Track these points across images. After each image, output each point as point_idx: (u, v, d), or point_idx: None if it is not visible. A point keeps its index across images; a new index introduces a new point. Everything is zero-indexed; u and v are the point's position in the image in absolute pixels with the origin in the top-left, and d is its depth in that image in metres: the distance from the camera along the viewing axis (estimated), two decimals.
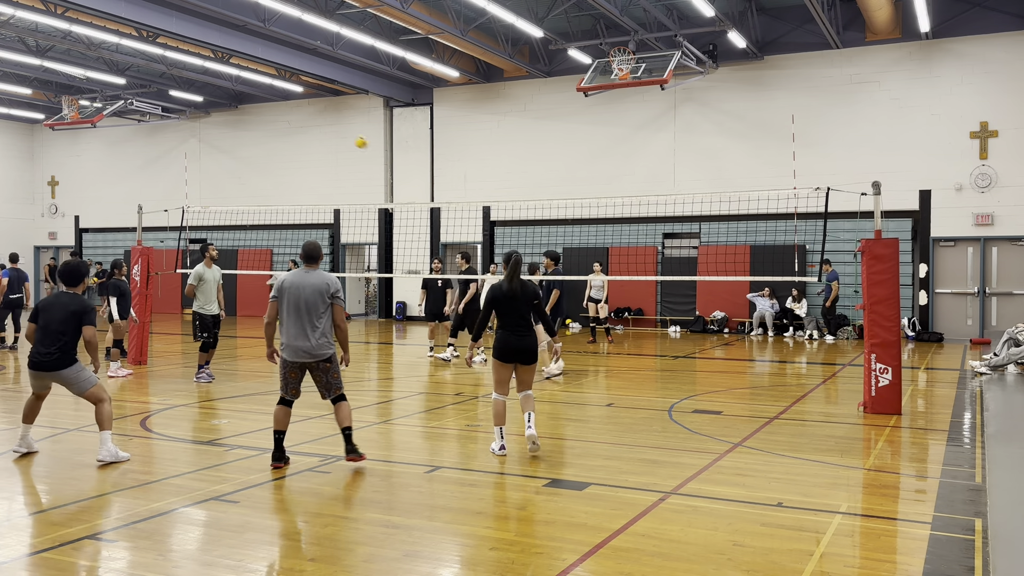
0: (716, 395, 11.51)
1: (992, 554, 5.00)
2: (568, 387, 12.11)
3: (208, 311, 12.38)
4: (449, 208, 23.00)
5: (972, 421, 9.48)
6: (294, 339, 7.17)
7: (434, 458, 7.84)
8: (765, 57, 20.70)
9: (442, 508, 6.11)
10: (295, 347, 7.19)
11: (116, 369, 12.85)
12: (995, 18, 18.89)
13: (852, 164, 19.47)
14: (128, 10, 17.06)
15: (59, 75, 24.66)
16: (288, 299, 7.19)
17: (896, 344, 9.63)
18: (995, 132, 19.03)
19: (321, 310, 7.20)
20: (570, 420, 9.73)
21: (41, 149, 31.32)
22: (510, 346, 7.60)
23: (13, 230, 30.49)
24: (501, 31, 20.50)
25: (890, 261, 9.67)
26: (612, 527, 5.61)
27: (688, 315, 21.75)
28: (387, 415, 10.07)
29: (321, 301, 7.21)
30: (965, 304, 19.63)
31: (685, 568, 4.91)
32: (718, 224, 21.18)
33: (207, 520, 5.87)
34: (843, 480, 6.94)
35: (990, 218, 19.10)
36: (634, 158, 22.15)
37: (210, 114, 27.88)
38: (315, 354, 7.20)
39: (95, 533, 5.52)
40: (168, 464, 7.54)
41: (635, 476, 7.01)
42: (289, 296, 7.19)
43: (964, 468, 7.29)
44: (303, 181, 26.21)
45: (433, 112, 24.76)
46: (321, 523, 5.79)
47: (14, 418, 9.64)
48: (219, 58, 21.52)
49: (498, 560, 5.05)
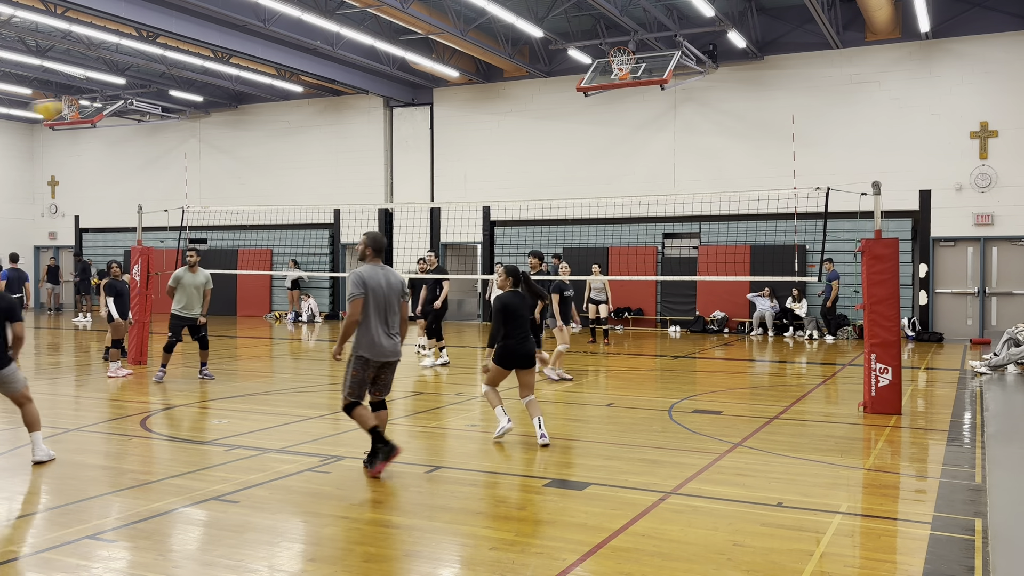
0: (716, 395, 11.50)
1: (992, 554, 5.00)
2: (568, 387, 12.11)
3: (182, 313, 12.45)
4: (449, 208, 23.00)
5: (972, 421, 9.48)
6: (381, 338, 6.92)
7: (434, 458, 7.84)
8: (765, 57, 20.71)
9: (442, 508, 6.10)
10: (382, 347, 6.93)
11: (116, 369, 12.85)
12: (995, 18, 18.89)
13: (852, 164, 19.48)
14: (128, 10, 17.06)
15: (59, 75, 24.66)
16: (375, 297, 6.90)
17: (896, 344, 9.63)
18: (995, 132, 19.03)
19: (397, 308, 7.07)
20: (570, 420, 9.73)
21: (41, 149, 31.32)
22: (515, 353, 8.13)
23: (13, 230, 30.49)
24: (501, 31, 20.51)
25: (890, 261, 9.67)
26: (612, 527, 5.61)
27: (688, 315, 21.75)
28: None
29: (398, 298, 7.06)
30: (965, 304, 19.63)
31: (685, 568, 4.91)
32: (718, 224, 21.18)
33: (207, 520, 5.87)
34: (843, 480, 6.94)
35: (990, 218, 19.10)
36: (634, 158, 22.15)
37: (210, 114, 27.88)
38: (397, 352, 7.07)
39: (95, 533, 5.52)
40: (168, 464, 7.54)
41: (635, 476, 7.01)
42: (375, 294, 6.90)
43: (964, 468, 7.29)
44: (303, 181, 26.22)
45: (433, 112, 24.77)
46: (321, 523, 5.78)
47: (14, 418, 9.65)
48: (219, 58, 21.52)
49: (498, 560, 5.04)
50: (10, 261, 17.23)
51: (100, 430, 8.96)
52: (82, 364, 14.35)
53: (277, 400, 10.86)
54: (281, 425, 9.11)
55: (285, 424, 9.17)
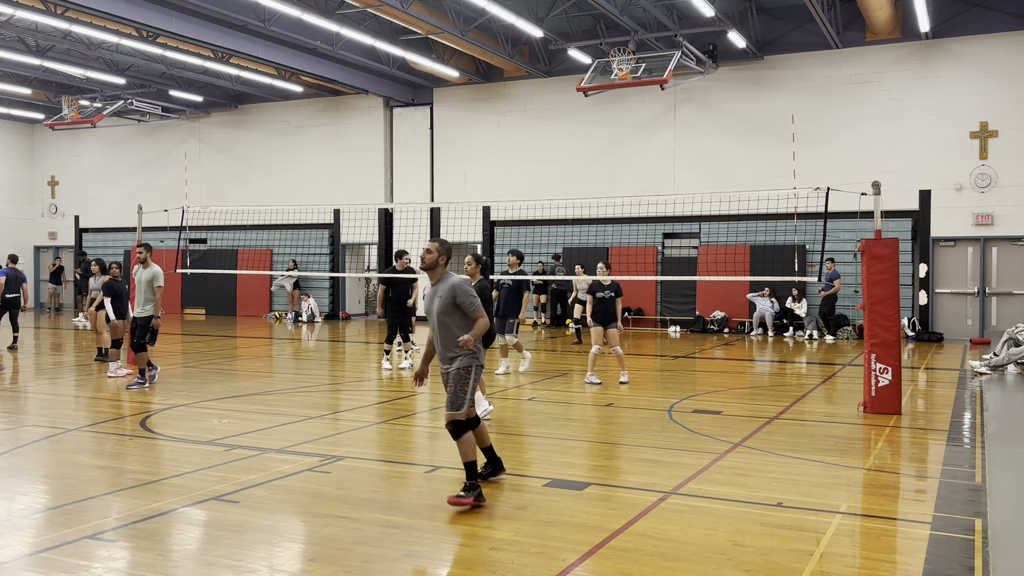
0: (716, 395, 11.50)
1: (992, 554, 5.00)
2: (568, 387, 12.11)
3: (135, 313, 12.05)
4: (449, 208, 22.99)
5: (972, 421, 9.48)
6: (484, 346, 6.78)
7: (434, 458, 7.83)
8: (765, 57, 20.70)
9: (442, 508, 6.10)
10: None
11: (116, 369, 12.85)
12: (995, 18, 18.89)
13: (852, 164, 19.48)
14: (128, 10, 17.06)
15: (59, 75, 24.65)
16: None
17: (896, 344, 9.63)
18: (995, 132, 19.03)
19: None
20: (570, 420, 9.73)
21: (41, 149, 31.31)
22: (492, 334, 9.62)
23: (13, 230, 30.49)
24: (501, 31, 20.50)
25: (890, 261, 9.67)
26: (612, 527, 5.61)
27: (688, 315, 21.75)
28: (387, 415, 10.06)
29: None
30: (965, 304, 19.63)
31: (685, 568, 4.91)
32: (718, 224, 21.18)
33: (207, 520, 5.87)
34: (843, 480, 6.94)
35: (990, 218, 19.10)
36: (634, 158, 22.15)
37: (210, 114, 27.88)
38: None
39: (95, 533, 5.52)
40: (168, 464, 7.54)
41: (635, 476, 7.01)
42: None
43: (964, 468, 7.29)
44: (303, 181, 26.22)
45: (433, 112, 24.76)
46: (321, 523, 5.78)
47: (14, 418, 9.65)
48: (219, 58, 21.52)
49: (498, 560, 5.05)
50: (10, 261, 17.25)
51: (100, 430, 8.97)
52: (82, 364, 14.35)
53: (277, 400, 10.86)
54: (281, 425, 9.11)
55: (285, 424, 9.17)
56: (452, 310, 6.23)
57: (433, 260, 6.38)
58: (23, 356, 15.71)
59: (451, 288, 6.23)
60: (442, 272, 6.42)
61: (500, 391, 11.60)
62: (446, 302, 6.23)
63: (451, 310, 6.23)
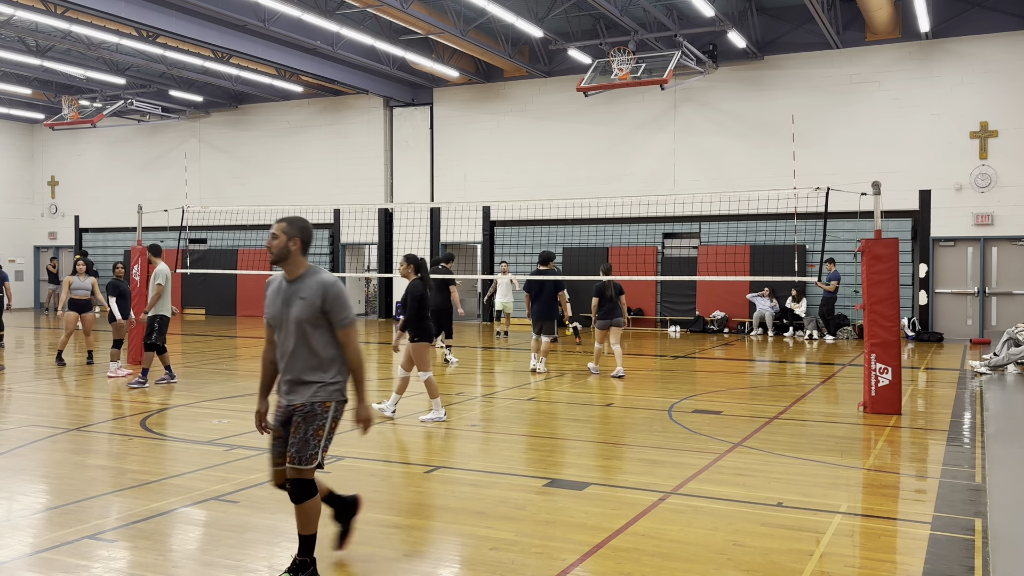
0: (716, 395, 11.50)
1: (992, 554, 5.00)
2: (568, 387, 12.11)
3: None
4: (449, 208, 22.99)
5: (972, 421, 9.48)
6: None
7: (434, 458, 7.83)
8: (765, 57, 20.70)
9: (442, 508, 6.10)
10: None
11: (116, 369, 12.85)
12: (995, 18, 18.88)
13: (852, 164, 19.48)
14: (128, 10, 17.06)
15: (59, 75, 24.65)
16: None
17: (896, 344, 9.63)
18: (995, 132, 19.03)
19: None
20: (570, 420, 9.73)
21: (41, 149, 31.31)
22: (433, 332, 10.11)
23: (13, 230, 30.50)
24: (501, 31, 20.50)
25: (890, 261, 9.67)
26: (612, 527, 5.61)
27: (688, 315, 21.74)
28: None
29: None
30: (965, 304, 19.63)
31: (685, 568, 4.91)
32: (718, 224, 21.18)
33: (207, 520, 5.87)
34: (843, 480, 6.94)
35: (990, 218, 19.10)
36: (634, 158, 22.15)
37: (210, 114, 27.88)
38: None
39: (95, 533, 5.52)
40: (168, 464, 7.54)
41: (635, 476, 7.01)
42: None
43: (964, 468, 7.29)
44: (303, 181, 26.22)
45: (433, 112, 24.76)
46: (321, 523, 5.77)
47: (14, 418, 9.65)
48: (219, 58, 21.52)
49: (498, 560, 5.05)
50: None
51: (100, 430, 8.97)
52: (82, 364, 14.35)
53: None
54: None
55: None
56: (319, 319, 4.68)
57: (282, 247, 4.73)
58: (23, 356, 15.72)
59: (321, 288, 4.67)
60: (303, 265, 4.79)
61: (500, 391, 11.60)
62: (311, 306, 4.65)
63: (317, 319, 4.67)
